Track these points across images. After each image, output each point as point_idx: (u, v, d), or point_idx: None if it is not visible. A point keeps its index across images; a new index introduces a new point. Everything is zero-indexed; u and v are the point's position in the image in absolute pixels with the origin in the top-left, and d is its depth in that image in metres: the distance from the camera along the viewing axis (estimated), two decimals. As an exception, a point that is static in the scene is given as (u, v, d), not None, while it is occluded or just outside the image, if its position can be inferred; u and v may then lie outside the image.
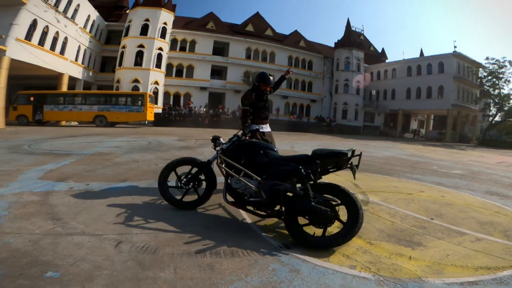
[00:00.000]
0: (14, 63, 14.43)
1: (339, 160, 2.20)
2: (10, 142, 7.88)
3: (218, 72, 29.11)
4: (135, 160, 5.69)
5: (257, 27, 31.88)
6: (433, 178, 5.35)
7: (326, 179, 4.52)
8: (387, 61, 37.04)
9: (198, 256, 1.80)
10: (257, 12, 33.60)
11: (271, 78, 3.37)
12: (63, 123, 18.74)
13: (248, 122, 3.30)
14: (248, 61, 29.12)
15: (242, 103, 3.44)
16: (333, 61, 32.72)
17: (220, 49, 28.90)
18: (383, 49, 40.72)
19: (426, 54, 33.44)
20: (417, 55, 35.43)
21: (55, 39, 18.13)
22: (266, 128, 3.54)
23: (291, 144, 11.09)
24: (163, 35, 24.14)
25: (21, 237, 2.01)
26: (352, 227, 1.96)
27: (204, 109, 24.19)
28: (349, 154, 2.16)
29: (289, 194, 2.16)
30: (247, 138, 2.92)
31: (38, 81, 20.70)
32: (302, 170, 2.11)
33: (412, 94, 30.10)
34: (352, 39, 32.13)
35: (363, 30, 35.78)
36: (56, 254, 1.76)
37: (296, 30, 34.58)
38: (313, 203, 2.00)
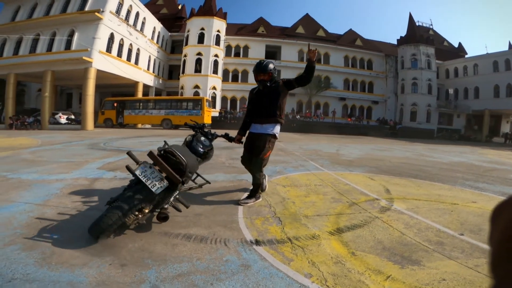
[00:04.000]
0: (99, 73, 17.14)
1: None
2: (92, 141, 9.60)
3: (272, 76, 29.60)
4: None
5: (308, 28, 31.23)
6: (501, 188, 4.37)
7: (358, 182, 4.19)
8: (466, 56, 31.72)
9: (171, 237, 1.95)
10: (307, 13, 33.07)
11: (270, 65, 2.84)
12: (139, 125, 21.35)
13: (247, 121, 2.99)
14: (301, 63, 28.66)
15: None
16: (397, 59, 29.69)
17: (272, 53, 29.30)
18: (460, 44, 35.14)
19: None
20: (503, 49, 29.33)
21: (129, 51, 20.94)
22: (261, 129, 2.85)
23: (338, 147, 10.49)
24: (217, 43, 25.74)
25: (56, 209, 2.49)
26: None
27: (257, 112, 24.86)
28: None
29: None
30: (240, 137, 3.01)
31: (121, 88, 24.46)
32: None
33: (502, 92, 25.09)
34: (418, 34, 28.72)
35: (431, 25, 31.71)
36: (68, 222, 2.15)
37: (351, 29, 32.74)
38: None
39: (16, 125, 17.44)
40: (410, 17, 29.94)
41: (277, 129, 2.85)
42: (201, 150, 2.70)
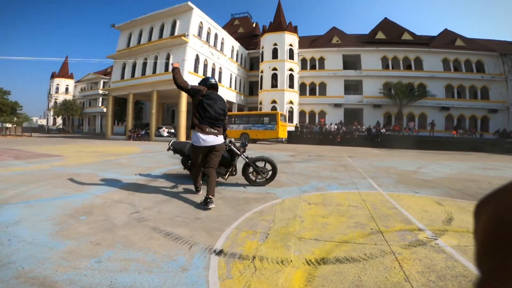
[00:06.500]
0: None
1: None
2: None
3: (353, 87, 27.68)
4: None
5: (389, 33, 28.08)
6: None
7: (412, 207, 3.51)
8: None
9: (156, 231, 2.15)
10: (385, 18, 29.63)
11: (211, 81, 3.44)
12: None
13: None
14: (387, 71, 25.84)
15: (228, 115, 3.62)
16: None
17: (351, 63, 27.53)
18: None
19: None
20: None
21: (213, 70, 23.30)
22: None
23: (423, 164, 8.74)
24: (291, 56, 25.94)
25: (104, 199, 3.14)
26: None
27: (335, 126, 23.52)
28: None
29: None
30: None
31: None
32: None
33: None
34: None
35: None
36: (102, 210, 2.72)
37: (446, 29, 27.57)
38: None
39: (133, 136, 22.21)
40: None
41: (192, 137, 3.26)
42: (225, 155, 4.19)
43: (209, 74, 22.80)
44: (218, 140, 3.21)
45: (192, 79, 20.05)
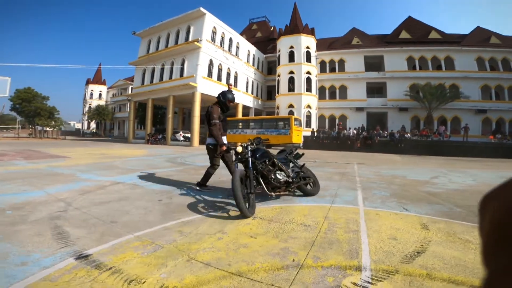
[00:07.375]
0: (204, 96, 19.77)
1: None
2: (177, 155, 11.15)
3: (376, 90, 26.15)
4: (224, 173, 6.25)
5: (414, 32, 26.17)
6: None
7: (379, 231, 2.83)
8: None
9: (53, 227, 1.94)
10: (409, 16, 27.70)
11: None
12: (238, 144, 23.26)
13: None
14: (413, 72, 24.05)
15: (212, 118, 3.90)
16: None
17: (374, 64, 25.99)
18: None
19: None
20: None
21: (228, 74, 23.15)
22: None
23: (441, 173, 7.71)
24: (308, 59, 25.01)
25: (49, 198, 3.04)
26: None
27: (354, 131, 22.27)
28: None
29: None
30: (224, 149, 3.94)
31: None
32: None
33: None
34: None
35: None
36: (35, 209, 2.53)
37: (478, 26, 25.40)
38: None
39: (151, 140, 22.95)
40: None
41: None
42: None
43: (223, 79, 22.68)
44: (208, 140, 4.14)
45: (206, 84, 20.24)
